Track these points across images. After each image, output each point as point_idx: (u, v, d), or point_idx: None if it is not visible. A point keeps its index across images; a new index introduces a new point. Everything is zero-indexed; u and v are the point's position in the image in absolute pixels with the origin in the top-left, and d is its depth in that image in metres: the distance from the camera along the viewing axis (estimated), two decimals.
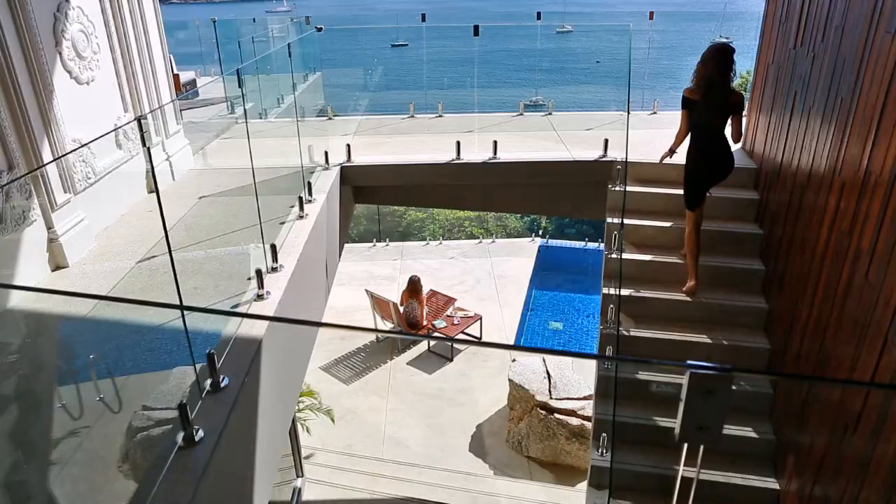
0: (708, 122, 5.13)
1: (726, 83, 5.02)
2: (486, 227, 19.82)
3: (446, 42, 12.52)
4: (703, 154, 5.22)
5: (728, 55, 5.00)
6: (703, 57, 5.06)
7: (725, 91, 5.03)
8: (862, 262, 3.59)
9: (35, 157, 4.65)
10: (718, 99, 5.03)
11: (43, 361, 4.27)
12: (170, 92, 6.95)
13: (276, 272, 4.69)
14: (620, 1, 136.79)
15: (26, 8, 4.54)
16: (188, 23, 22.99)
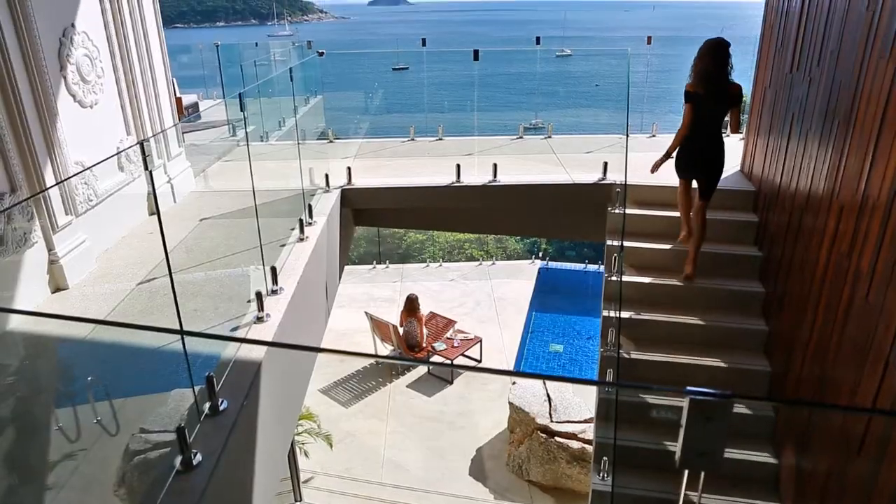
0: (710, 115, 5.20)
1: (725, 75, 5.11)
2: (486, 249, 19.82)
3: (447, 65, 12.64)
4: (697, 146, 5.33)
5: (724, 49, 5.09)
6: (699, 52, 5.16)
7: (725, 83, 5.13)
8: (861, 283, 3.59)
9: (38, 180, 4.67)
10: (719, 91, 5.12)
11: (41, 383, 4.25)
12: (172, 115, 7.01)
13: (276, 294, 4.69)
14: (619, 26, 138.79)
15: (33, 33, 4.61)
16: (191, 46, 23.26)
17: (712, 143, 5.29)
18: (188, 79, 18.63)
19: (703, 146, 5.31)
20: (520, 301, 13.62)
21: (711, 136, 5.27)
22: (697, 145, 5.33)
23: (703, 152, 5.33)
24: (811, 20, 4.93)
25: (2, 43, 4.29)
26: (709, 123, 5.24)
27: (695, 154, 5.37)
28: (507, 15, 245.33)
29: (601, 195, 6.64)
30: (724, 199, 6.22)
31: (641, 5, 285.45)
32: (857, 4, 4.02)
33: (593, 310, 12.76)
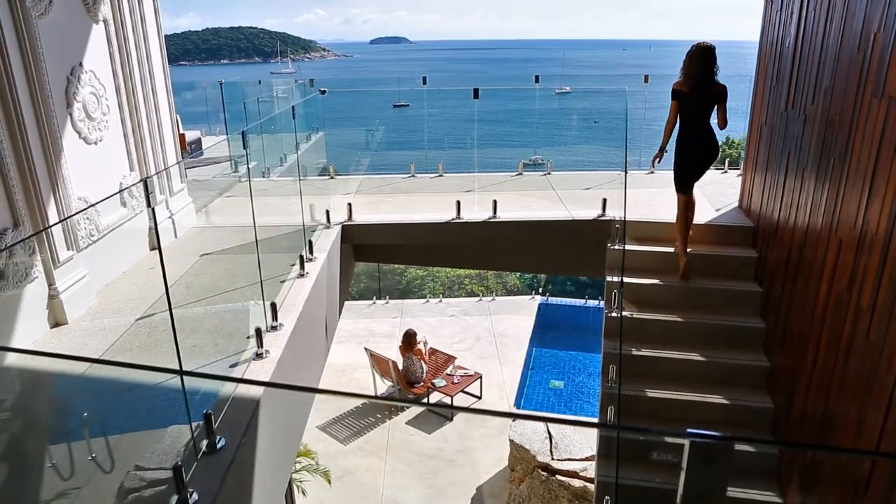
0: (697, 112, 5.66)
1: (713, 76, 5.60)
2: (486, 284, 19.82)
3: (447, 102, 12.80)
4: (692, 143, 5.77)
5: (712, 52, 5.61)
6: (690, 55, 5.65)
7: (712, 83, 5.60)
8: (862, 319, 3.58)
9: (41, 215, 4.70)
10: (707, 90, 5.60)
11: (36, 419, 4.20)
12: (175, 151, 7.08)
13: (276, 331, 4.68)
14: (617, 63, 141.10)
15: (41, 71, 4.69)
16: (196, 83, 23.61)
17: (706, 137, 5.75)
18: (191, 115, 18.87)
19: (698, 142, 5.76)
20: (520, 337, 13.55)
21: (702, 131, 5.73)
22: (693, 143, 5.77)
23: (699, 148, 5.78)
24: (804, 59, 5.02)
25: (10, 81, 4.36)
26: (697, 121, 5.70)
27: (695, 150, 5.78)
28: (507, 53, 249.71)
29: (601, 231, 6.68)
30: (723, 234, 6.26)
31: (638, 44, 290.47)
32: (849, 45, 4.10)
33: (594, 346, 12.70)
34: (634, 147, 9.30)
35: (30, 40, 4.55)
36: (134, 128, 6.20)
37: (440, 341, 12.60)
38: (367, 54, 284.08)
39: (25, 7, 4.51)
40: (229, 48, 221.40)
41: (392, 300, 15.79)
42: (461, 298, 16.88)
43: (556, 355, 13.77)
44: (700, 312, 5.68)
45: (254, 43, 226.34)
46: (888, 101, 3.49)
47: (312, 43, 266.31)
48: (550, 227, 6.92)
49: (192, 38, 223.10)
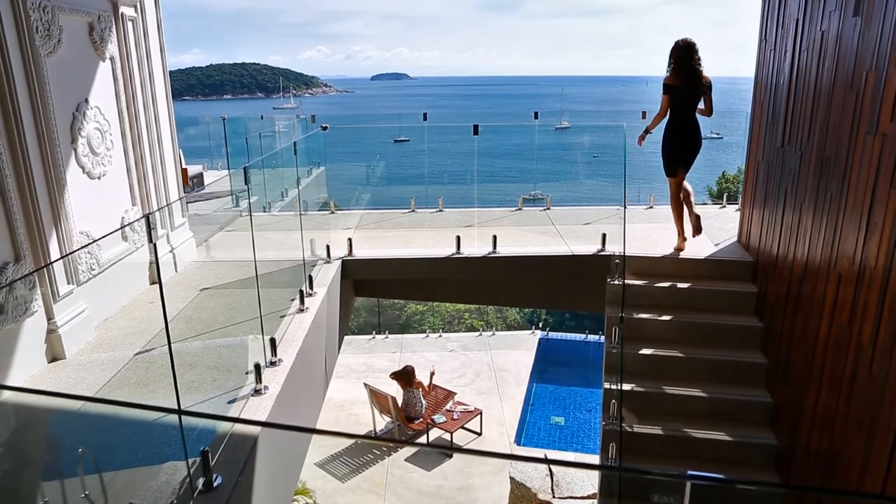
0: (687, 103, 6.18)
1: (699, 69, 6.12)
2: (486, 319, 19.76)
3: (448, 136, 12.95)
4: (682, 134, 6.28)
5: (695, 48, 6.15)
6: (679, 51, 6.12)
7: (698, 75, 6.11)
8: (864, 355, 3.57)
9: (42, 250, 4.72)
10: (696, 82, 6.11)
11: (29, 455, 4.15)
12: (178, 185, 7.14)
13: (275, 366, 4.65)
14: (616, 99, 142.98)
15: (48, 108, 4.76)
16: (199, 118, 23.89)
17: (692, 128, 6.29)
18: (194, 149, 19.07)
19: (685, 131, 6.27)
20: (520, 372, 13.45)
21: (689, 121, 6.26)
22: (682, 132, 6.28)
23: (687, 136, 6.29)
24: (799, 97, 5.10)
25: (17, 117, 4.42)
26: (686, 111, 6.22)
27: (682, 140, 6.30)
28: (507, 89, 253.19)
29: (600, 266, 6.68)
30: (723, 269, 6.27)
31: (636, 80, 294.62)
32: (842, 84, 4.17)
33: (595, 381, 12.60)
34: (633, 182, 9.37)
35: (38, 77, 4.64)
36: (137, 162, 6.25)
37: (440, 376, 12.50)
38: (368, 90, 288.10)
39: (35, 46, 4.61)
40: (232, 84, 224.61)
41: (392, 335, 15.72)
42: (461, 333, 16.81)
43: (556, 391, 13.65)
44: (701, 347, 5.66)
45: (257, 79, 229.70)
46: (882, 138, 3.53)
47: (314, 79, 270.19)
48: (550, 262, 6.93)
49: (196, 73, 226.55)
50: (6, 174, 4.36)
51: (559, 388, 13.73)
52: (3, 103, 4.34)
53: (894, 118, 3.41)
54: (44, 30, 4.73)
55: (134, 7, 6.13)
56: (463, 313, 19.98)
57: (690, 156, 6.39)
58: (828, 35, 4.50)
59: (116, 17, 5.85)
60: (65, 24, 5.03)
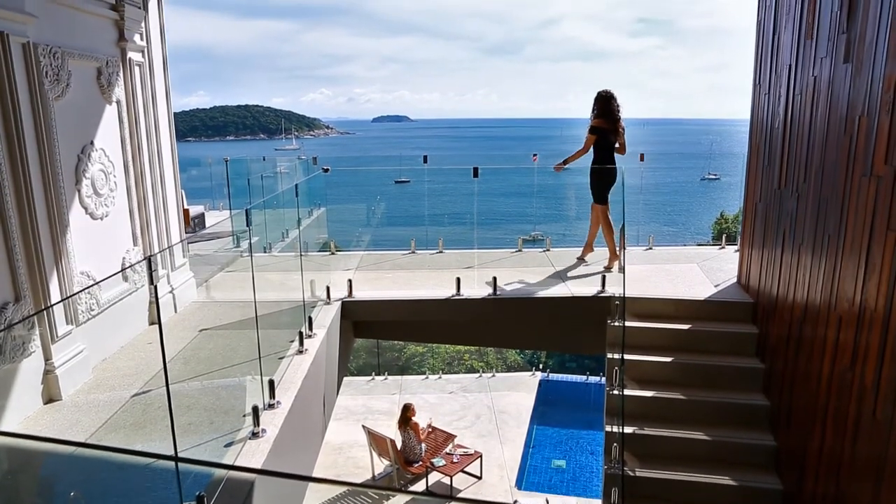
0: (609, 143, 7.26)
1: (619, 115, 7.30)
2: (486, 360, 19.61)
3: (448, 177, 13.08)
4: (608, 168, 7.33)
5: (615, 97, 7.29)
6: (606, 100, 7.25)
7: (618, 120, 7.29)
8: (868, 398, 3.54)
9: (42, 290, 4.72)
10: (615, 126, 7.25)
11: (20, 499, 4.08)
12: (179, 226, 7.18)
13: (273, 409, 4.61)
14: None
15: (53, 150, 4.83)
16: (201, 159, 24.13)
17: (613, 163, 7.34)
18: (196, 190, 19.23)
19: (611, 168, 7.32)
20: (521, 414, 13.28)
21: (611, 158, 7.35)
22: (608, 168, 7.32)
23: (611, 171, 7.33)
24: (794, 140, 5.17)
25: (23, 159, 4.48)
26: (609, 150, 7.30)
27: (609, 175, 7.37)
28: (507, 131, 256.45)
29: (600, 308, 6.67)
30: (723, 310, 6.26)
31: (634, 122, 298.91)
32: (836, 128, 4.24)
33: (596, 423, 12.43)
34: (632, 223, 9.42)
35: (45, 120, 4.72)
36: (139, 203, 6.31)
37: (440, 419, 12.34)
38: (370, 132, 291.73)
39: (44, 90, 4.70)
40: (235, 125, 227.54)
41: (391, 376, 15.57)
42: (461, 375, 16.65)
43: (557, 433, 13.45)
44: (703, 390, 5.61)
45: (259, 120, 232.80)
46: (877, 181, 3.58)
47: (316, 121, 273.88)
48: (550, 303, 6.91)
49: (200, 115, 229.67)
50: (10, 215, 4.40)
51: (560, 431, 13.53)
52: (11, 145, 4.40)
53: (888, 161, 3.46)
54: (53, 74, 4.83)
55: (141, 52, 6.27)
56: (463, 354, 19.85)
57: (611, 187, 7.47)
58: (820, 81, 4.59)
59: (124, 63, 5.98)
60: (74, 69, 5.14)
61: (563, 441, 13.24)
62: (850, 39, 4.06)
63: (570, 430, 13.53)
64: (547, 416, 13.82)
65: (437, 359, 19.59)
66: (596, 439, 12.49)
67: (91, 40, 5.49)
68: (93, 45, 5.50)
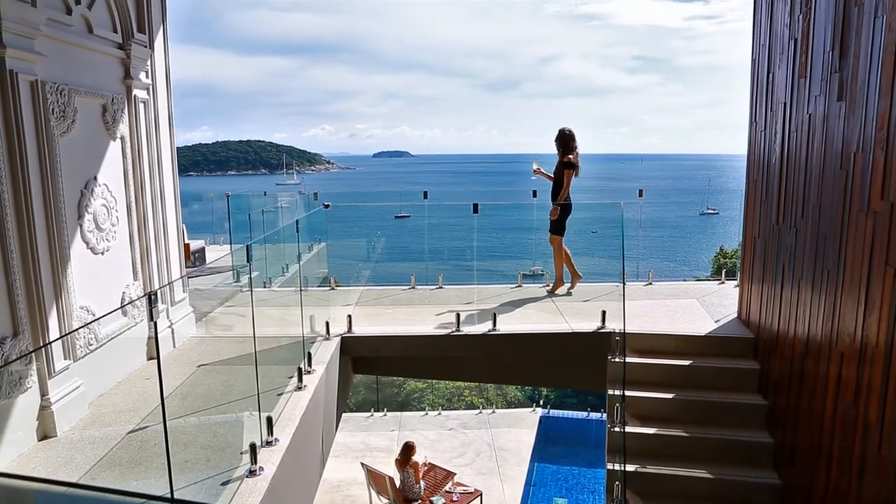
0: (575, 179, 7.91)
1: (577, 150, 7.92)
2: (486, 396, 19.44)
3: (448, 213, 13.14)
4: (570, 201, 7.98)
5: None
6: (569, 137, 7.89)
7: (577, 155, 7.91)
8: (872, 435, 3.51)
9: (41, 324, 4.70)
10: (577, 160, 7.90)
11: None
12: (179, 261, 7.19)
13: (271, 446, 4.55)
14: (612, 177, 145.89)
15: (57, 185, 4.87)
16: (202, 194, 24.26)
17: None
18: (197, 224, 19.28)
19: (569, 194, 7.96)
20: (521, 451, 13.10)
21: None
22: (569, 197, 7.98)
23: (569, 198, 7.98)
24: (791, 176, 5.22)
25: (27, 194, 4.51)
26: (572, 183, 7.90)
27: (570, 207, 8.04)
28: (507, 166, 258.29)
29: (601, 344, 6.64)
30: (724, 346, 6.24)
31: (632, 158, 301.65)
32: (832, 164, 4.29)
33: (598, 460, 12.25)
34: (632, 258, 9.43)
35: (50, 156, 4.77)
36: (141, 238, 6.33)
37: (439, 456, 12.17)
38: (370, 167, 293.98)
39: (50, 126, 4.76)
40: (237, 160, 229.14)
41: (390, 412, 15.40)
42: (460, 411, 16.48)
43: (558, 471, 13.26)
44: (705, 427, 5.56)
45: (261, 155, 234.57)
46: (874, 216, 3.60)
47: (318, 156, 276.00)
48: (550, 339, 6.88)
49: (203, 150, 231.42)
50: (12, 249, 4.41)
51: (561, 468, 13.34)
52: (15, 181, 4.44)
53: (884, 197, 3.49)
54: (59, 111, 4.90)
55: (146, 90, 6.36)
56: (463, 390, 19.68)
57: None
58: (815, 118, 4.66)
59: (129, 99, 6.07)
60: (80, 105, 5.22)
61: (565, 479, 13.04)
62: (842, 78, 4.13)
63: (572, 467, 13.34)
64: (548, 454, 13.64)
65: (436, 395, 19.41)
66: (598, 477, 12.29)
67: (97, 78, 5.58)
68: (99, 82, 5.59)
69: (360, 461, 11.09)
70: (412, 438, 11.62)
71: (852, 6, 4.01)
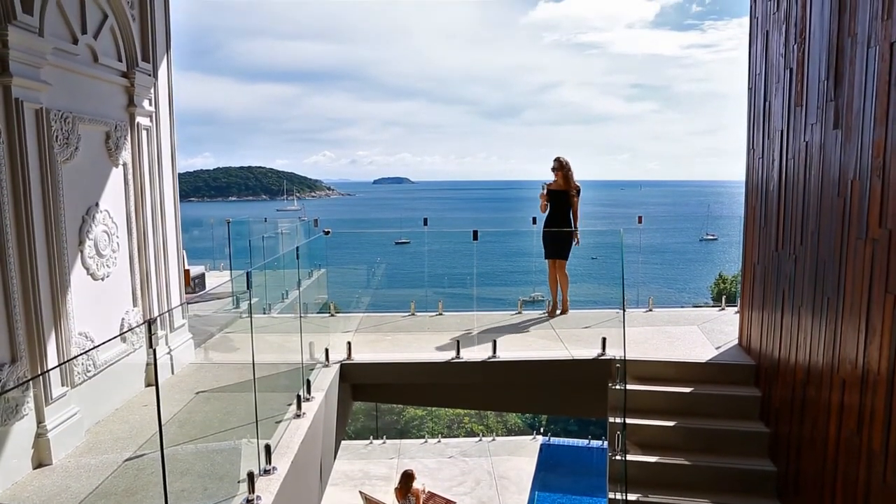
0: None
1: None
2: (486, 423, 19.28)
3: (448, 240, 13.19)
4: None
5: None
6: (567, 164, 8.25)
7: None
8: (876, 463, 3.48)
9: (40, 351, 4.68)
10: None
11: None
12: (179, 287, 7.18)
13: (269, 475, 4.51)
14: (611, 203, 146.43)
15: (59, 212, 4.88)
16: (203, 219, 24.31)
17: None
18: (197, 250, 19.30)
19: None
20: (522, 479, 12.96)
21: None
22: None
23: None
24: (789, 202, 5.25)
25: (29, 220, 4.52)
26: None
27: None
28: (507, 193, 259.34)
29: (601, 371, 6.60)
30: (725, 373, 6.21)
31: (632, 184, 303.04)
32: (829, 191, 4.32)
33: (599, 489, 12.09)
34: (631, 285, 9.44)
35: (52, 183, 4.79)
36: (141, 264, 6.33)
37: (438, 485, 12.03)
38: (371, 193, 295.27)
39: (53, 153, 4.80)
40: (238, 186, 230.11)
41: (389, 440, 15.28)
42: (460, 439, 16.35)
43: (559, 500, 13.09)
44: (707, 455, 5.50)
45: (262, 181, 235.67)
46: (872, 243, 3.62)
47: (318, 182, 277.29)
48: (551, 366, 6.85)
49: (204, 176, 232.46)
50: (12, 275, 4.41)
51: (562, 497, 13.19)
52: (18, 208, 4.46)
53: (882, 224, 3.51)
54: (63, 138, 4.94)
55: (149, 117, 6.42)
56: (462, 417, 19.53)
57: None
58: (811, 146, 4.70)
59: (132, 127, 6.12)
60: (83, 132, 5.26)
61: None
62: (838, 107, 4.18)
63: (573, 496, 13.19)
64: (548, 482, 13.49)
65: (436, 422, 19.26)
66: None
67: (101, 105, 5.64)
68: (103, 110, 5.65)
69: (358, 489, 10.96)
70: (411, 466, 11.51)
71: (846, 36, 4.07)
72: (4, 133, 4.34)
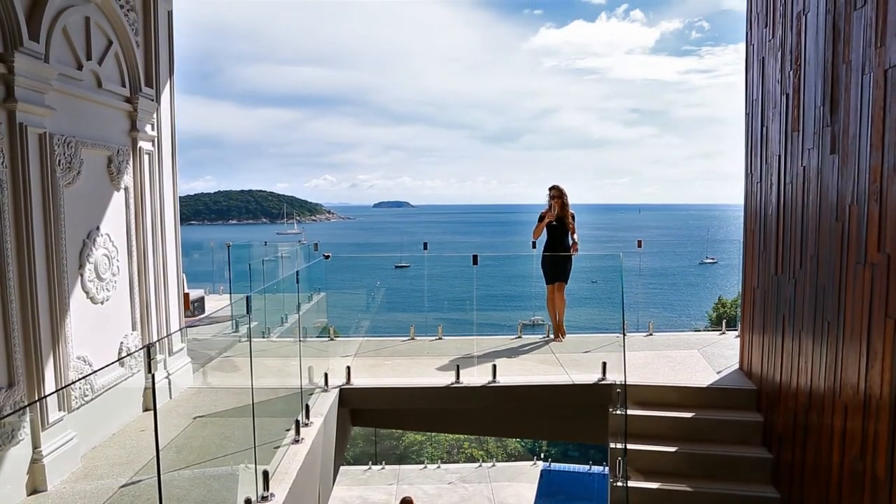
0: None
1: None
2: (486, 448, 19.10)
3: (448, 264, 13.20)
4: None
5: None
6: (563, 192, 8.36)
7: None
8: (882, 490, 3.44)
9: (37, 374, 4.65)
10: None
11: None
12: (179, 311, 7.16)
13: (267, 501, 4.46)
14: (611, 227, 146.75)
15: (60, 235, 4.89)
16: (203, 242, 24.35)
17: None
18: (197, 273, 19.28)
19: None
20: None
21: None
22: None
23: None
24: (788, 227, 5.27)
25: (30, 244, 4.53)
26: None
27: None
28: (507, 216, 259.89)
29: (601, 396, 6.56)
30: (726, 398, 6.17)
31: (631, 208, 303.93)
32: (828, 216, 4.33)
33: None
34: (631, 309, 9.42)
35: (54, 207, 4.81)
36: (141, 288, 6.32)
37: None
38: (371, 217, 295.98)
39: (56, 177, 4.82)
40: (238, 209, 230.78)
41: (388, 465, 15.10)
42: (460, 464, 16.16)
43: None
44: (709, 481, 5.44)
45: (262, 205, 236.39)
46: (871, 268, 3.62)
47: (318, 206, 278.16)
48: (551, 391, 6.81)
49: (204, 199, 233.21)
50: (12, 298, 4.40)
51: None
52: (19, 231, 4.47)
53: (881, 248, 3.52)
54: (66, 163, 4.98)
55: (151, 142, 6.47)
56: (462, 442, 19.36)
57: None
58: (809, 170, 4.73)
59: (134, 151, 6.16)
60: (86, 157, 5.30)
61: None
62: (834, 132, 4.22)
63: None
64: None
65: (436, 447, 19.08)
66: None
67: (104, 130, 5.68)
68: (106, 134, 5.69)
69: None
70: (410, 493, 11.38)
71: (840, 63, 4.12)
72: (8, 157, 4.37)
